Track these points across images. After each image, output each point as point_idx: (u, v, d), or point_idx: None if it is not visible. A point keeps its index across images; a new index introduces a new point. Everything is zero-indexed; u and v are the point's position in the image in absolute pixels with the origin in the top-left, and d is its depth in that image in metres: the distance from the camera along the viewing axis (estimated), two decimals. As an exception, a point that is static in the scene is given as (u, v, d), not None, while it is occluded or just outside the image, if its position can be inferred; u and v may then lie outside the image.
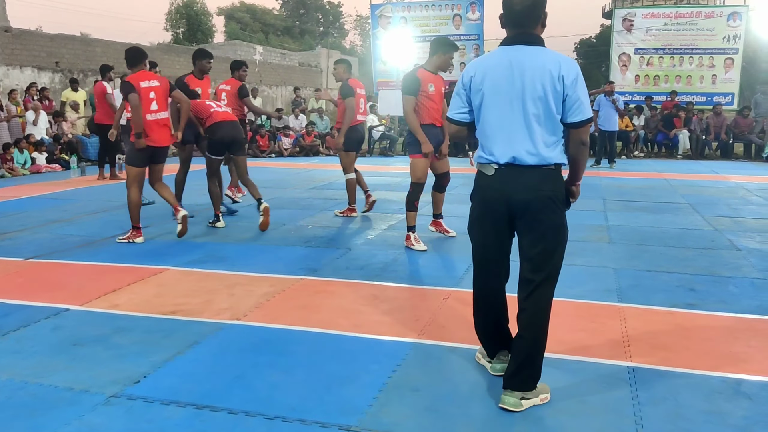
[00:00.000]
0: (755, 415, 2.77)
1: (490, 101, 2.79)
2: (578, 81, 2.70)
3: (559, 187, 2.80)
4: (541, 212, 2.74)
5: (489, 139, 2.82)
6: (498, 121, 2.78)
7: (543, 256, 2.78)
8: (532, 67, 2.70)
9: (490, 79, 2.79)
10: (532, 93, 2.70)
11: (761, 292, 4.56)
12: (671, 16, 17.99)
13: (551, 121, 2.73)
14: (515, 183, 2.75)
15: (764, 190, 9.79)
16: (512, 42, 2.79)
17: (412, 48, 18.22)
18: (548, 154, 2.73)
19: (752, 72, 24.23)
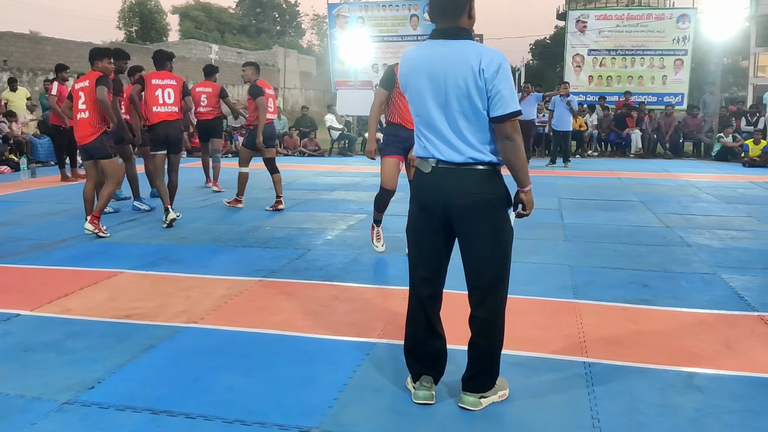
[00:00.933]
0: (707, 407, 2.84)
1: (418, 99, 2.73)
2: (500, 73, 2.56)
3: (497, 187, 2.69)
4: (481, 216, 2.66)
5: (421, 137, 2.77)
6: (427, 120, 2.71)
7: (486, 260, 2.71)
8: (454, 62, 2.60)
9: (415, 75, 2.72)
10: (455, 90, 2.61)
11: (711, 287, 4.69)
12: (623, 17, 18.39)
13: (479, 119, 2.62)
14: (452, 185, 2.67)
15: (713, 188, 10.09)
16: (438, 36, 2.70)
17: (370, 48, 18.22)
18: (480, 153, 2.64)
19: (701, 73, 24.95)
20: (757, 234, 6.59)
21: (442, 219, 2.73)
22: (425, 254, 2.82)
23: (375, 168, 12.95)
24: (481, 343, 2.78)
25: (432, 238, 2.79)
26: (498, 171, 2.72)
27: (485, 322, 2.76)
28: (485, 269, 2.72)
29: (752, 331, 3.81)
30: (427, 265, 2.83)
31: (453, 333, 3.07)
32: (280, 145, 16.67)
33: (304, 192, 9.60)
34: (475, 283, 2.75)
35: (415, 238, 2.85)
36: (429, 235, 2.79)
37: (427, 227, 2.78)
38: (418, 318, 2.87)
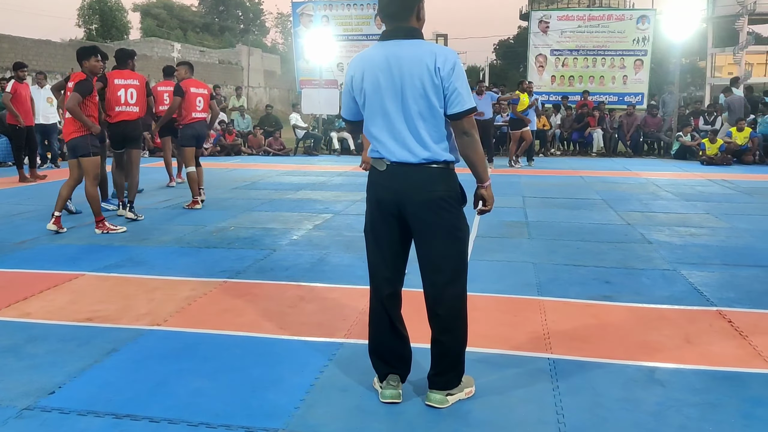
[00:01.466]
0: (668, 401, 2.90)
1: (373, 101, 2.71)
2: (455, 71, 2.61)
3: (452, 185, 2.71)
4: (435, 213, 2.67)
5: (375, 138, 2.74)
6: (381, 120, 2.70)
7: (441, 257, 2.72)
8: (409, 62, 2.62)
9: (369, 77, 2.70)
10: (411, 90, 2.62)
11: (671, 283, 4.79)
12: (584, 18, 18.68)
13: (435, 117, 2.64)
14: (406, 184, 2.67)
15: (672, 186, 10.30)
16: (389, 36, 2.71)
17: (335, 46, 18.18)
18: (435, 151, 2.65)
19: (660, 73, 25.48)
20: (715, 231, 6.75)
21: (397, 216, 2.74)
22: (383, 253, 2.83)
23: (341, 167, 12.96)
24: (443, 340, 2.79)
25: (389, 237, 2.79)
26: (452, 169, 2.74)
27: (445, 320, 2.77)
28: (441, 266, 2.73)
29: (711, 325, 3.90)
30: (386, 264, 2.83)
31: (418, 331, 3.08)
32: (243, 144, 16.56)
33: (269, 192, 9.54)
34: (431, 280, 2.76)
35: (373, 237, 2.85)
36: (386, 233, 2.79)
37: (384, 225, 2.78)
38: (381, 317, 2.87)
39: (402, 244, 2.82)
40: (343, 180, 11.11)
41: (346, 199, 8.76)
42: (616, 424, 2.67)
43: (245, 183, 10.57)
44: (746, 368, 3.27)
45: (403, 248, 2.84)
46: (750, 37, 42.90)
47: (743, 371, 3.23)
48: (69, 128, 6.39)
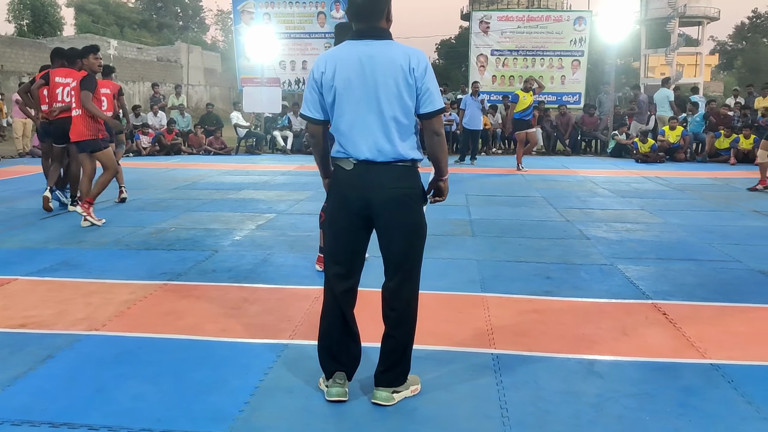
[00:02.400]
0: (607, 392, 2.98)
1: (343, 99, 2.71)
2: (428, 72, 2.69)
3: (415, 183, 2.78)
4: (399, 210, 2.73)
5: (344, 136, 2.75)
6: (352, 119, 2.72)
7: (402, 253, 2.77)
8: (382, 62, 2.66)
9: (341, 74, 2.70)
10: (385, 90, 2.67)
11: (608, 277, 4.93)
12: (524, 19, 19.02)
13: (406, 116, 2.71)
14: (372, 181, 2.71)
15: (609, 183, 10.60)
16: (360, 36, 2.73)
17: (277, 44, 18.01)
18: (404, 150, 2.71)
19: (596, 73, 26.15)
20: (650, 226, 6.97)
21: (361, 214, 2.77)
22: (342, 250, 2.84)
23: (284, 166, 12.84)
24: (395, 335, 2.83)
25: (350, 234, 2.81)
26: (416, 167, 2.79)
27: (401, 316, 2.81)
28: (402, 262, 2.79)
29: (647, 318, 4.02)
30: (343, 261, 2.83)
31: (364, 330, 3.07)
32: (183, 143, 16.25)
33: (210, 192, 9.38)
34: (391, 275, 2.81)
35: (334, 233, 2.86)
36: (347, 230, 2.81)
37: (346, 222, 2.80)
38: (334, 314, 2.86)
39: (362, 242, 2.86)
40: (287, 179, 11.03)
41: (290, 199, 8.70)
42: (558, 417, 2.73)
43: (185, 183, 10.37)
44: (680, 359, 3.39)
45: (363, 246, 2.88)
46: (681, 39, 44.53)
47: (677, 362, 3.35)
48: (79, 128, 6.69)
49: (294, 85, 18.98)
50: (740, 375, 3.16)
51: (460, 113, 14.44)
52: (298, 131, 16.86)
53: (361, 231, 2.82)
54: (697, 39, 47.47)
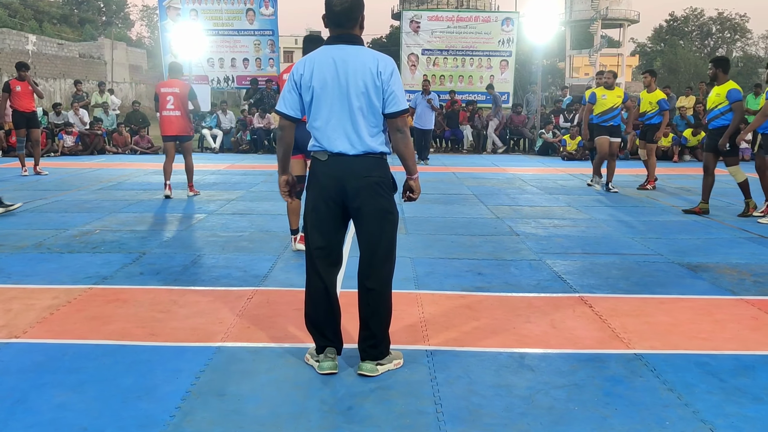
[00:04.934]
0: (537, 384, 3.05)
1: (320, 97, 3.01)
2: (393, 76, 3.00)
3: (385, 173, 3.06)
4: (370, 196, 3.00)
5: (320, 131, 3.04)
6: (327, 115, 3.01)
7: (376, 236, 3.05)
8: (354, 65, 2.97)
9: (318, 75, 3.00)
10: (356, 89, 2.96)
11: (537, 272, 5.05)
12: (453, 19, 19.28)
13: (374, 115, 3.00)
14: (346, 170, 3.00)
15: (537, 180, 10.87)
16: (335, 41, 3.04)
17: (205, 41, 17.66)
18: (372, 143, 3.00)
19: (524, 73, 26.76)
20: (576, 222, 7.19)
21: (337, 200, 3.05)
22: (324, 230, 3.10)
23: (213, 166, 12.60)
24: (378, 311, 3.09)
25: (329, 218, 3.08)
26: (385, 160, 3.09)
27: (375, 293, 3.07)
28: (375, 245, 3.06)
29: (574, 311, 4.14)
30: (325, 240, 3.10)
31: (351, 330, 3.05)
32: (108, 142, 15.73)
33: (137, 192, 9.12)
34: (366, 258, 3.09)
35: (313, 218, 3.11)
36: (326, 214, 3.08)
37: (325, 207, 3.07)
38: (319, 294, 3.13)
39: (341, 225, 3.14)
40: (217, 179, 10.82)
41: (220, 199, 8.54)
42: (491, 410, 2.78)
43: (110, 183, 10.04)
44: (606, 350, 3.50)
45: (341, 229, 3.16)
46: (603, 40, 46.10)
47: (603, 352, 3.46)
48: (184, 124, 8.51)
49: (223, 83, 18.67)
50: (662, 364, 3.29)
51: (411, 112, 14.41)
52: (228, 130, 16.59)
53: (339, 215, 3.09)
54: (618, 41, 49.25)
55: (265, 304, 4.20)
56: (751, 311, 4.15)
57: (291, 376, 3.11)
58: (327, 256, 3.12)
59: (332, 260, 3.15)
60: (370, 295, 3.09)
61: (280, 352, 3.39)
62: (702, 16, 64.71)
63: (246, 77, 18.31)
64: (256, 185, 9.96)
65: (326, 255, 3.12)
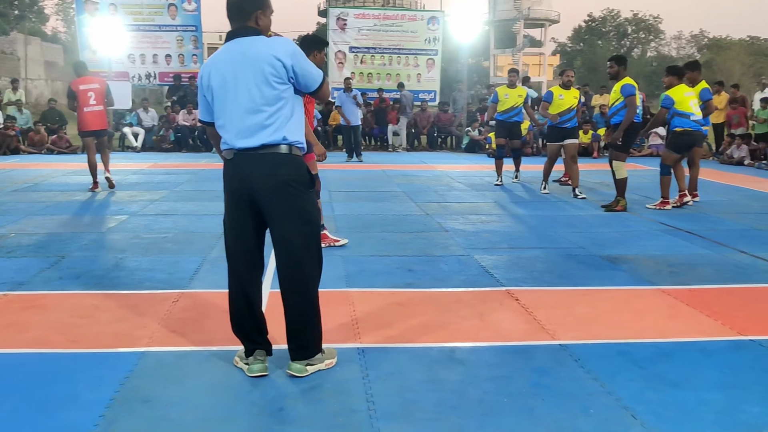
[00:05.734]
0: (468, 377, 3.10)
1: (221, 96, 2.95)
2: (296, 55, 2.92)
3: (297, 169, 2.95)
4: (282, 197, 2.90)
5: (223, 129, 2.97)
6: (230, 111, 2.93)
7: (291, 238, 2.94)
8: (251, 56, 2.89)
9: (216, 74, 2.96)
10: (255, 80, 2.88)
11: (466, 267, 5.13)
12: (380, 17, 19.35)
13: (278, 103, 2.91)
14: (252, 169, 2.90)
15: (464, 177, 11.05)
16: (232, 36, 2.99)
17: (125, 37, 17.10)
18: (279, 137, 2.90)
19: (450, 72, 27.12)
20: (501, 217, 7.35)
21: (249, 202, 2.94)
22: (239, 236, 3.02)
23: (135, 165, 12.22)
24: (296, 312, 3.03)
25: (244, 222, 3.00)
26: (295, 153, 2.96)
27: (296, 294, 3.01)
28: (291, 247, 2.96)
29: (501, 304, 4.23)
30: (243, 247, 3.03)
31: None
32: (22, 141, 15.02)
33: (55, 193, 8.74)
34: (282, 260, 2.99)
35: (230, 222, 3.04)
36: (241, 218, 2.99)
37: (239, 212, 2.99)
38: (239, 299, 3.06)
39: (257, 228, 3.03)
40: (139, 178, 10.50)
41: (143, 199, 8.29)
42: (423, 405, 2.80)
43: (26, 184, 9.60)
44: (532, 341, 3.59)
45: (258, 232, 3.05)
46: (526, 40, 47.24)
47: (530, 344, 3.55)
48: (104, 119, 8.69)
49: (144, 80, 18.13)
50: (585, 353, 3.40)
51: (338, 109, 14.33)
52: (150, 127, 16.12)
53: (254, 218, 2.99)
54: (540, 40, 50.55)
55: (192, 306, 4.10)
56: (667, 300, 4.34)
57: (219, 379, 3.05)
58: (245, 260, 3.04)
59: (251, 264, 3.07)
60: (291, 297, 3.03)
61: (207, 355, 3.32)
62: (618, 17, 67.18)
63: (169, 74, 17.83)
64: (180, 185, 9.73)
65: (244, 260, 3.04)
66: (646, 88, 33.36)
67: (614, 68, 7.83)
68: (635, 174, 11.53)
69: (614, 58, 8.08)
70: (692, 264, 5.30)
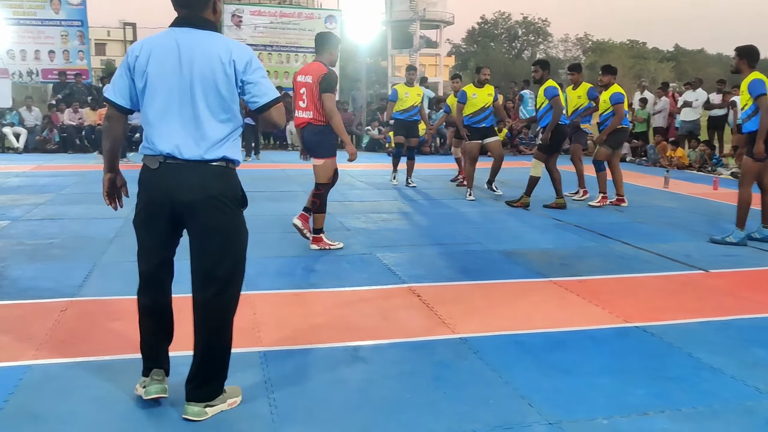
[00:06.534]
0: (371, 375, 3.12)
1: (155, 86, 2.54)
2: (252, 65, 2.57)
3: (230, 185, 2.62)
4: (209, 214, 2.56)
5: (152, 127, 2.57)
6: (162, 108, 2.54)
7: (213, 263, 2.61)
8: (202, 52, 2.52)
9: (156, 61, 2.53)
10: (202, 81, 2.52)
11: (368, 265, 5.16)
12: (276, 15, 19.13)
13: (223, 112, 2.56)
14: (180, 181, 2.54)
15: (365, 176, 11.11)
16: (181, 24, 2.58)
17: (4, 31, 16.06)
18: (216, 148, 2.55)
19: (349, 71, 27.20)
20: (403, 216, 7.45)
21: (169, 216, 2.60)
22: (151, 250, 2.69)
23: (17, 167, 11.49)
24: (206, 348, 2.68)
25: (158, 236, 2.67)
26: (232, 169, 2.64)
27: (213, 325, 2.67)
28: (213, 272, 2.62)
29: (403, 301, 4.29)
30: (154, 262, 2.70)
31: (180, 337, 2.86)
32: None
33: (-74, 199, 8.08)
34: (202, 284, 2.64)
35: (141, 234, 2.70)
36: (155, 231, 2.66)
37: (153, 223, 2.64)
38: (149, 314, 2.76)
39: (171, 242, 2.73)
40: (22, 181, 9.88)
41: (26, 203, 7.80)
42: (326, 406, 2.80)
43: None
44: (434, 336, 3.66)
45: (172, 246, 2.74)
46: (422, 41, 48.07)
47: (431, 339, 3.62)
48: None
49: (26, 77, 17.06)
50: (484, 345, 3.50)
51: None
52: (33, 127, 15.20)
53: (170, 232, 2.67)
54: (436, 41, 51.56)
55: (82, 315, 3.90)
56: (559, 291, 4.54)
57: (112, 391, 2.91)
58: (155, 276, 2.72)
59: (162, 277, 2.75)
60: (203, 328, 2.66)
61: (99, 366, 3.16)
62: (509, 19, 69.67)
63: (53, 71, 16.87)
64: (67, 187, 9.22)
65: (154, 276, 2.72)
66: (536, 89, 34.68)
67: (539, 72, 8.02)
68: (525, 171, 12.01)
69: (538, 62, 8.30)
70: (581, 256, 5.58)
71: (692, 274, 5.04)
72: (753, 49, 5.91)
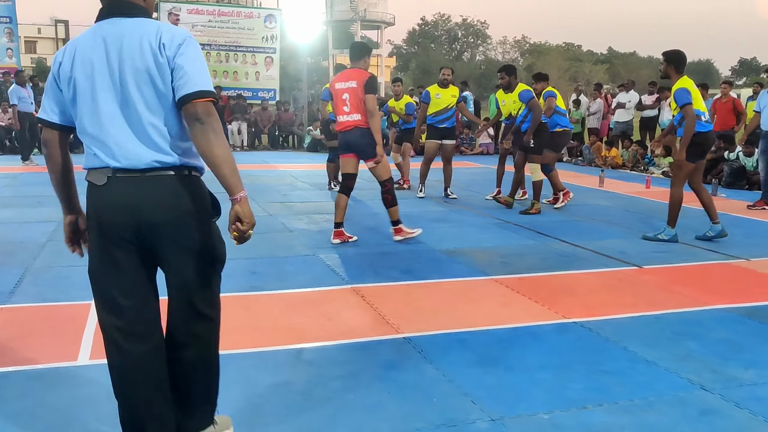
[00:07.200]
0: (316, 378, 3.10)
1: (86, 91, 2.13)
2: (184, 48, 2.11)
3: (198, 196, 2.24)
4: (182, 235, 2.18)
5: (90, 138, 2.15)
6: (98, 116, 2.13)
7: (195, 284, 2.25)
8: (131, 42, 2.10)
9: (81, 63, 2.13)
10: (134, 75, 2.10)
11: (312, 266, 5.13)
12: (215, 13, 18.85)
13: (165, 109, 2.14)
14: (139, 199, 2.12)
15: (307, 176, 11.05)
16: (106, 14, 2.17)
17: None
18: (168, 154, 2.14)
19: (290, 70, 26.98)
20: (346, 216, 7.39)
21: (133, 243, 2.16)
22: (122, 296, 2.19)
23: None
24: (195, 376, 2.34)
25: (127, 273, 2.19)
26: (195, 176, 2.26)
27: (192, 358, 2.31)
28: (196, 292, 2.26)
29: (347, 301, 4.28)
30: (128, 311, 2.19)
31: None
32: None
33: None
34: (181, 316, 2.28)
35: (103, 276, 2.20)
36: (121, 271, 2.18)
37: (116, 259, 2.17)
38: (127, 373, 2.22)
39: (146, 279, 2.26)
40: None
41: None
42: (270, 410, 2.76)
43: None
44: (378, 336, 3.67)
45: (149, 284, 2.27)
46: (363, 41, 48.08)
47: (376, 339, 3.62)
48: None
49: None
50: (427, 344, 3.53)
51: None
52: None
53: (140, 266, 2.21)
54: (377, 42, 51.72)
55: (13, 323, 3.75)
56: (500, 289, 4.61)
57: (48, 400, 2.81)
58: (131, 332, 2.19)
59: (142, 330, 2.22)
60: (184, 360, 2.29)
61: (33, 374, 3.05)
62: (449, 21, 70.52)
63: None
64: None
65: (130, 331, 2.19)
66: (476, 90, 35.21)
67: (505, 79, 7.91)
68: (467, 171, 12.18)
69: (504, 68, 8.10)
70: (521, 254, 5.69)
71: (627, 270, 5.20)
72: (680, 54, 6.10)
